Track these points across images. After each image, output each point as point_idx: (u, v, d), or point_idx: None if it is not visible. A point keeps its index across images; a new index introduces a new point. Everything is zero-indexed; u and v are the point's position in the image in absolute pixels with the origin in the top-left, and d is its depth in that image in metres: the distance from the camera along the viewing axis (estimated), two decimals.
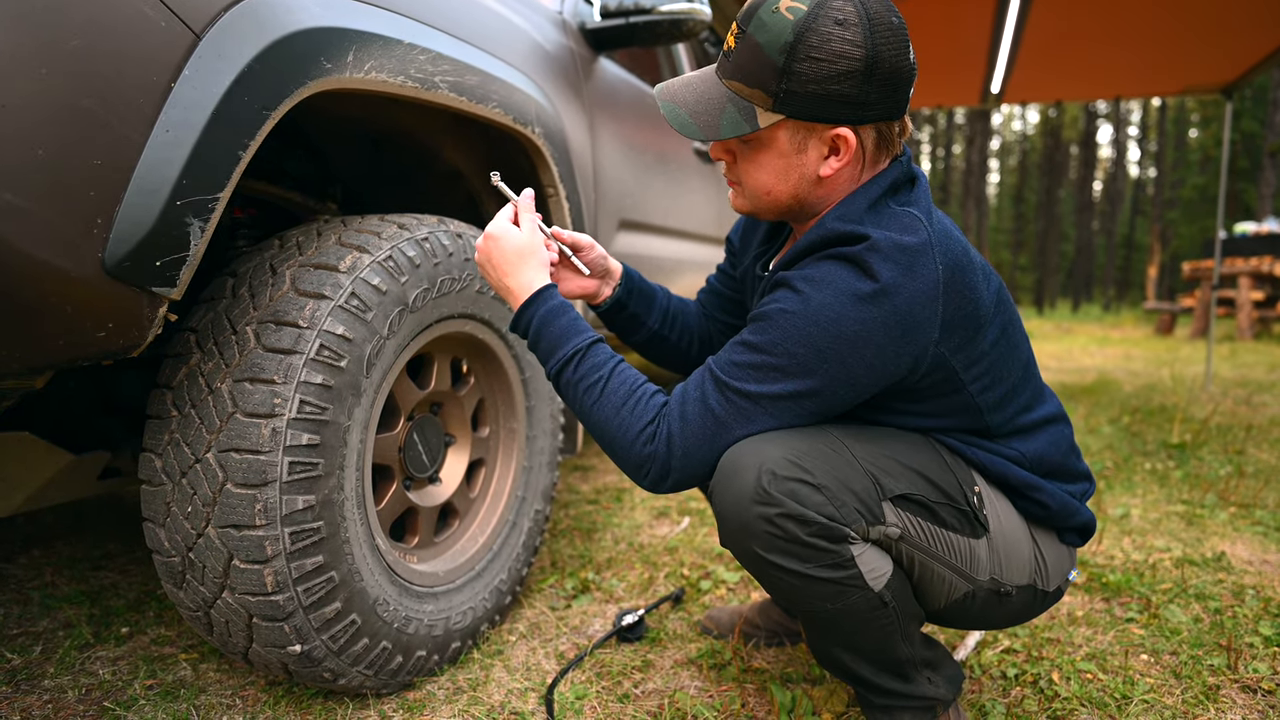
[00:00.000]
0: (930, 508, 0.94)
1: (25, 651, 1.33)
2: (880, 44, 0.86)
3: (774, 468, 0.86)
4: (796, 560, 0.88)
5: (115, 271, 0.79)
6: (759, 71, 0.88)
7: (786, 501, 0.86)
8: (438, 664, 1.25)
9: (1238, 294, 8.72)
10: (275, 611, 1.01)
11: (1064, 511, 1.02)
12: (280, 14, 0.91)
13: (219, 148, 0.85)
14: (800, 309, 0.87)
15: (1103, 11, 3.69)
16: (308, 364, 1.00)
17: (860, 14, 0.85)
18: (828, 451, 0.89)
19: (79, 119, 0.73)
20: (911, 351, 0.89)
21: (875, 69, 0.86)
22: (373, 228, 1.14)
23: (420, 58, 1.15)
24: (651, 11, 1.81)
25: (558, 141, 1.57)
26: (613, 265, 1.18)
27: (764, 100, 0.89)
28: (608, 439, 0.95)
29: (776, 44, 0.86)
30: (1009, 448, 1.01)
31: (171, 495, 1.01)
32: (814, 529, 0.86)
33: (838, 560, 0.89)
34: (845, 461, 0.90)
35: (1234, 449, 2.95)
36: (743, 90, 0.90)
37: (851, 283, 0.86)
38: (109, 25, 0.75)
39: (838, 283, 0.87)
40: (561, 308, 0.99)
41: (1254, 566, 1.75)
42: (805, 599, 0.92)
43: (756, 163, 0.95)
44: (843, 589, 0.90)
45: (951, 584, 0.97)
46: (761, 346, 0.89)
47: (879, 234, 0.88)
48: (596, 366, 0.96)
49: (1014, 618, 1.06)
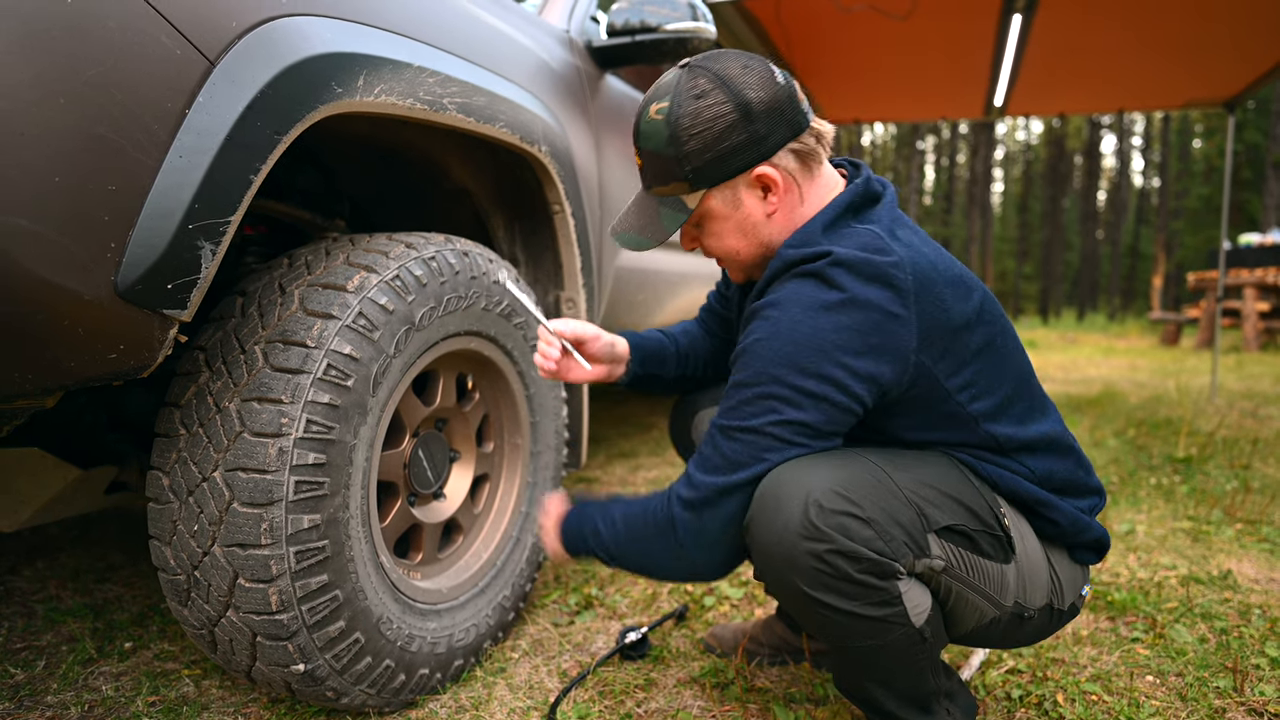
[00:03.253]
0: (972, 537, 0.93)
1: (29, 666, 1.34)
2: (742, 89, 0.93)
3: (821, 499, 0.84)
4: (844, 598, 0.86)
5: (127, 294, 0.80)
6: (665, 169, 0.98)
7: (837, 537, 0.83)
8: (440, 682, 1.25)
9: (1243, 305, 8.69)
10: (279, 630, 1.01)
11: (1075, 528, 1.01)
12: (293, 40, 0.93)
13: (231, 172, 0.86)
14: (773, 332, 0.90)
15: (1104, 26, 3.70)
16: (315, 383, 1.00)
17: (712, 79, 0.94)
18: (871, 481, 0.88)
19: (95, 146, 0.74)
20: (892, 361, 0.89)
21: (750, 110, 0.93)
22: (380, 247, 1.15)
23: (429, 80, 1.16)
24: (658, 30, 1.83)
25: (564, 159, 1.58)
26: (620, 348, 1.22)
27: (682, 188, 0.99)
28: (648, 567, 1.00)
29: (662, 142, 0.96)
30: (1018, 463, 1.00)
31: (178, 513, 1.02)
32: (864, 565, 0.84)
33: (885, 598, 0.87)
34: (890, 492, 0.88)
35: (1240, 463, 2.94)
36: (664, 190, 1.01)
37: (817, 295, 0.89)
38: (126, 53, 0.76)
39: (803, 298, 0.90)
40: (575, 522, 1.06)
41: (1260, 585, 1.74)
42: (848, 636, 0.90)
43: (715, 234, 1.03)
44: (887, 626, 0.88)
45: (982, 611, 0.96)
46: (748, 381, 0.91)
47: (840, 249, 0.90)
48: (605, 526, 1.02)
49: (1031, 638, 1.05)
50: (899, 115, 6.09)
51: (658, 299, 2.30)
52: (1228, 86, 4.32)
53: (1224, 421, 3.93)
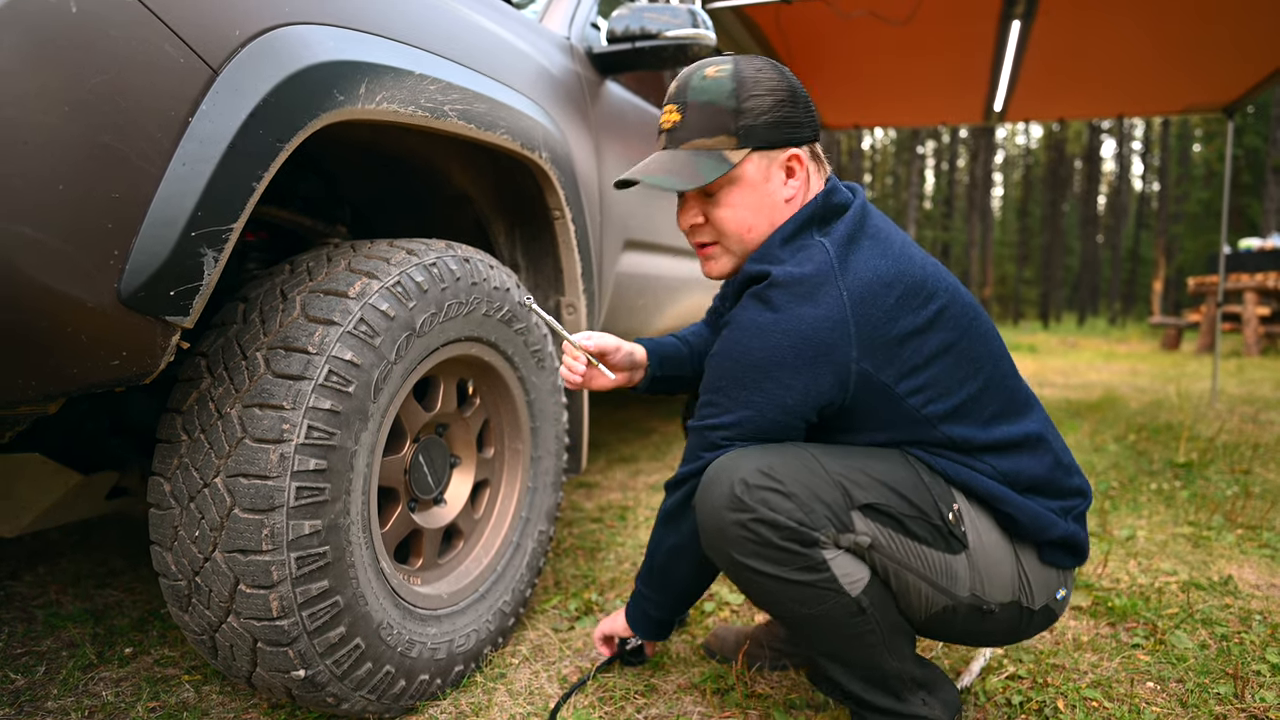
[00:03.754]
0: (900, 520, 0.98)
1: (29, 672, 1.34)
2: (790, 77, 1.04)
3: (747, 477, 0.94)
4: (771, 564, 0.94)
5: (130, 301, 0.80)
6: (717, 121, 1.00)
7: (759, 508, 0.93)
8: (440, 688, 1.26)
9: (1243, 309, 8.70)
10: (280, 636, 1.01)
11: (1036, 525, 1.03)
12: (295, 49, 0.93)
13: (234, 180, 0.86)
14: (721, 349, 1.02)
15: (1103, 32, 3.72)
16: (316, 389, 1.01)
17: (765, 62, 1.04)
18: (799, 465, 0.96)
19: (99, 154, 0.75)
20: (831, 372, 0.95)
21: (796, 95, 1.03)
22: (382, 253, 1.16)
23: (430, 88, 1.16)
24: (658, 37, 1.84)
25: (564, 165, 1.59)
26: (638, 355, 1.27)
27: (728, 142, 1.01)
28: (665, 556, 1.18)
29: (723, 94, 1.00)
30: (981, 462, 1.02)
31: (179, 519, 1.02)
32: (785, 533, 0.93)
33: (810, 563, 0.94)
34: (815, 473, 0.96)
35: (1240, 468, 2.94)
36: (705, 144, 1.02)
37: (754, 316, 0.98)
38: (130, 62, 0.77)
39: (745, 320, 0.99)
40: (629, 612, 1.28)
41: (1261, 591, 1.74)
42: (783, 603, 0.97)
43: (732, 205, 1.04)
44: (819, 592, 0.95)
45: (929, 597, 1.00)
46: (706, 387, 1.04)
47: (778, 270, 0.98)
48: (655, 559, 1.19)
49: (1006, 635, 1.07)
50: (899, 120, 6.11)
51: (658, 304, 2.30)
52: (1227, 92, 4.33)
53: (1224, 426, 3.93)
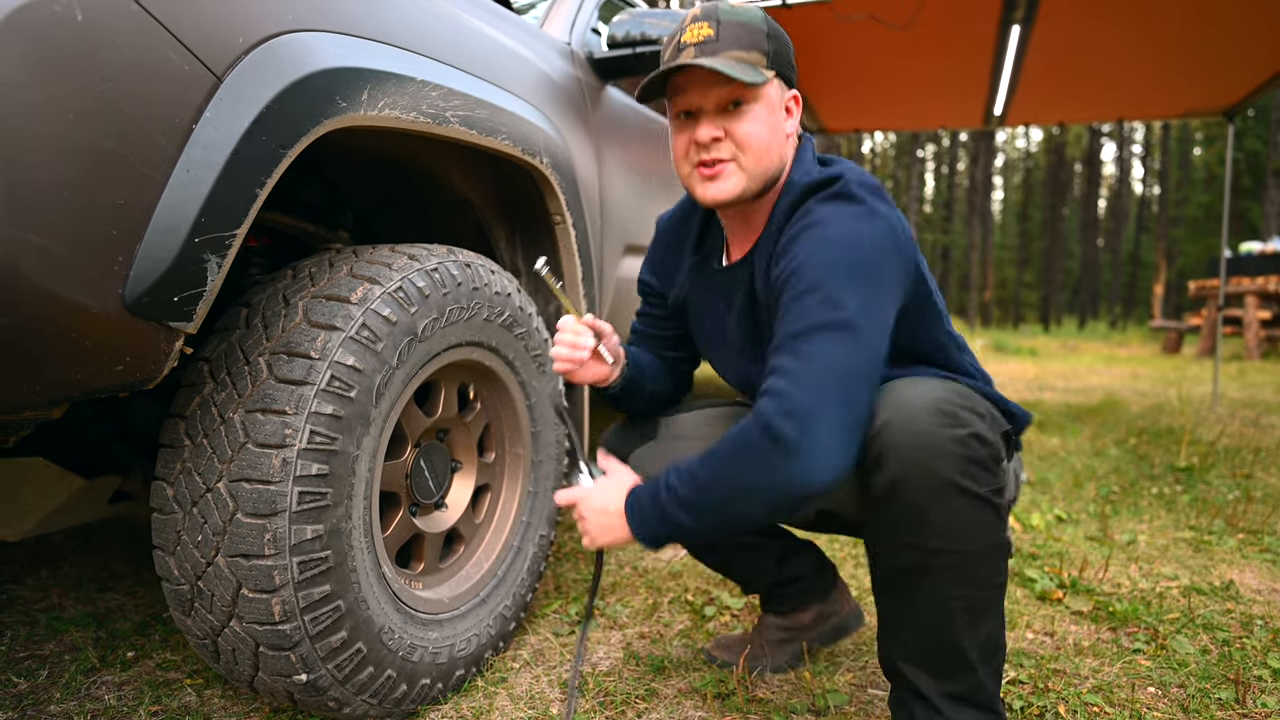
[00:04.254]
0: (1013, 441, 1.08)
1: (31, 676, 1.34)
2: None
3: (944, 396, 0.94)
4: (975, 482, 0.92)
5: (134, 307, 0.80)
6: (751, 37, 1.04)
7: (973, 422, 0.93)
8: (442, 692, 1.26)
9: (1244, 313, 8.70)
10: (282, 640, 1.02)
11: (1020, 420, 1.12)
12: (298, 56, 0.94)
13: (237, 186, 0.87)
14: (825, 245, 0.96)
15: (1103, 36, 3.72)
16: (318, 395, 1.01)
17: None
18: (967, 392, 1.00)
19: (104, 161, 0.75)
20: (908, 261, 1.01)
21: (792, 52, 1.10)
22: (384, 259, 1.16)
23: (432, 94, 1.17)
24: (658, 42, 1.85)
25: (565, 170, 1.60)
26: (621, 351, 1.24)
27: (760, 59, 1.04)
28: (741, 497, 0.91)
29: (757, 19, 1.05)
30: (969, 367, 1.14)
31: (182, 524, 1.02)
32: (990, 449, 0.94)
33: (998, 485, 0.95)
34: (972, 398, 1.00)
35: (1242, 472, 2.94)
36: (742, 55, 1.03)
37: (848, 209, 0.99)
38: (135, 70, 0.77)
39: (840, 214, 0.99)
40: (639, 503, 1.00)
41: (1263, 595, 1.74)
42: (965, 533, 0.94)
43: (756, 119, 1.05)
44: (997, 521, 0.96)
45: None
46: (814, 286, 0.93)
47: (849, 173, 1.03)
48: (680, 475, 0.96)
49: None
50: (898, 124, 6.12)
51: None
52: (1227, 95, 4.34)
53: (1225, 430, 3.93)
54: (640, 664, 1.41)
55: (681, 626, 1.58)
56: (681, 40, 1.05)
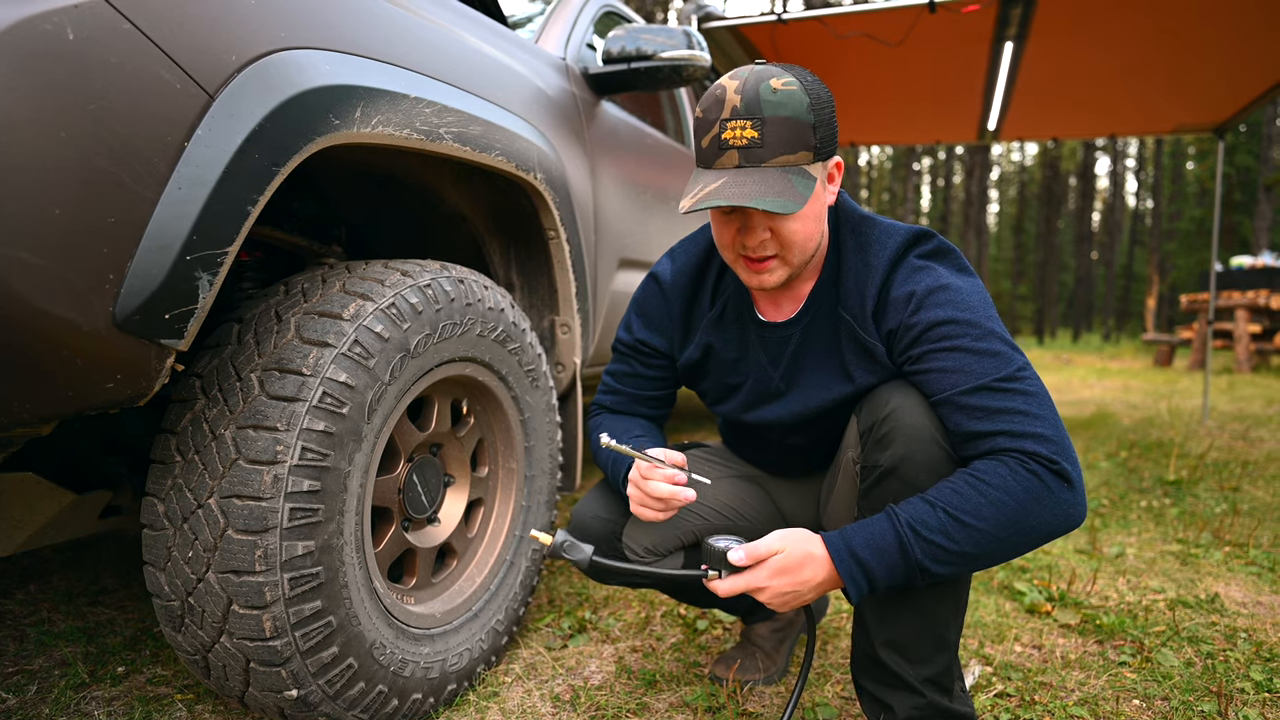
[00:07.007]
0: None
1: (20, 691, 1.33)
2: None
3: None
4: None
5: (125, 325, 0.81)
6: (799, 136, 0.97)
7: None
8: (433, 707, 1.25)
9: (1235, 327, 8.75)
10: (273, 656, 1.02)
11: None
12: (290, 73, 0.95)
13: (229, 203, 0.88)
14: (962, 302, 1.00)
15: (1095, 54, 3.77)
16: (310, 411, 1.01)
17: (803, 70, 1.02)
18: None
19: (95, 178, 0.76)
20: None
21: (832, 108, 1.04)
22: (377, 275, 1.17)
23: (426, 111, 1.18)
24: (654, 58, 1.86)
25: (559, 185, 1.61)
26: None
27: (807, 156, 0.98)
28: (1024, 540, 0.93)
29: (802, 108, 0.96)
30: None
31: (173, 540, 1.02)
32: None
33: None
34: None
35: (1229, 486, 2.96)
36: (789, 160, 0.97)
37: (954, 265, 1.05)
38: (127, 88, 0.78)
39: (950, 270, 1.04)
40: (853, 538, 0.95)
41: (1247, 609, 1.75)
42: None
43: (804, 218, 1.01)
44: None
45: None
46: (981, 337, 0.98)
47: (915, 226, 1.07)
48: (941, 527, 0.92)
49: None
50: (894, 138, 6.16)
51: None
52: (1217, 112, 4.39)
53: (1215, 444, 3.95)
54: (632, 678, 1.41)
55: (674, 640, 1.58)
56: (723, 139, 0.96)
